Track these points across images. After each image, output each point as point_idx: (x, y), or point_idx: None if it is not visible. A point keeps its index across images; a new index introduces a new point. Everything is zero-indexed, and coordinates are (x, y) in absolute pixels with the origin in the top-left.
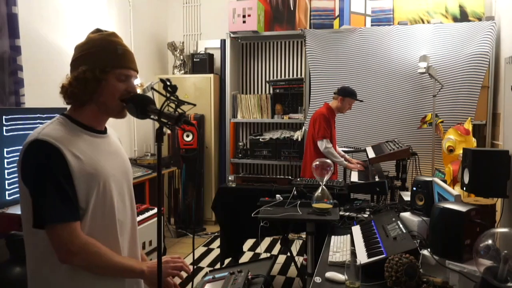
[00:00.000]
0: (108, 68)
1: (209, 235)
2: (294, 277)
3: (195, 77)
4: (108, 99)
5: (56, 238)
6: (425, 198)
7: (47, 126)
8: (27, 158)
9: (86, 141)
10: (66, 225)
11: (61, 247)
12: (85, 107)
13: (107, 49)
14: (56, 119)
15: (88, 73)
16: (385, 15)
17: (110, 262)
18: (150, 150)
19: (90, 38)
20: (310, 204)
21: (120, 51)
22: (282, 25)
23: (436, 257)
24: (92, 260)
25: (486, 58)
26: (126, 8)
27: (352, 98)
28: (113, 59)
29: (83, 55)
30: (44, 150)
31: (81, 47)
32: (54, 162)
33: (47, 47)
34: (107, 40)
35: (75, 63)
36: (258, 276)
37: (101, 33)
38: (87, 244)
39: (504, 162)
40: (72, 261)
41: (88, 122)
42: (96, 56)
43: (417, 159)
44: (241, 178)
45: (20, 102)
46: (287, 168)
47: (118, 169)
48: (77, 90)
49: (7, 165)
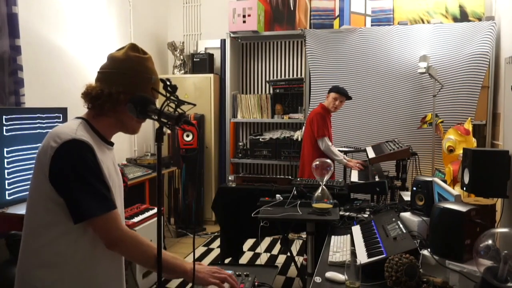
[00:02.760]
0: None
1: (209, 235)
2: (294, 277)
3: (195, 77)
4: (128, 120)
5: (101, 228)
6: (425, 198)
7: (77, 128)
8: (63, 157)
9: (103, 151)
10: (109, 215)
11: (107, 236)
12: (103, 118)
13: (143, 77)
14: (80, 123)
15: (123, 96)
16: (385, 15)
17: (152, 255)
18: (150, 150)
19: (129, 57)
20: (310, 204)
21: (154, 81)
22: (282, 25)
23: (436, 257)
24: (136, 250)
25: (486, 58)
26: (126, 8)
27: (335, 93)
28: (147, 88)
29: (120, 74)
30: (84, 148)
31: (119, 64)
32: (93, 159)
33: (47, 47)
34: (145, 66)
35: (110, 77)
36: (264, 285)
37: (139, 56)
38: (129, 235)
39: (504, 162)
40: (117, 249)
41: (103, 132)
42: (133, 81)
43: (417, 159)
44: (241, 178)
45: (20, 102)
46: (287, 168)
47: (118, 182)
48: (106, 105)
49: (7, 165)
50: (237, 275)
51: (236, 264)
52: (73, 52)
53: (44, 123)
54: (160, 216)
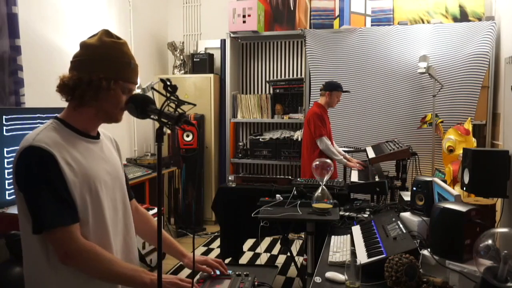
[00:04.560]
0: (121, 80)
1: (209, 235)
2: (294, 277)
3: (195, 77)
4: (111, 108)
5: (55, 241)
6: (425, 198)
7: (40, 132)
8: (21, 165)
9: (79, 147)
10: (64, 229)
11: (60, 250)
12: (82, 110)
13: (122, 61)
14: (50, 124)
15: (104, 82)
16: (385, 15)
17: (109, 268)
18: (150, 150)
19: (104, 43)
20: (310, 204)
21: (133, 65)
22: (282, 25)
23: (436, 257)
24: (92, 264)
25: (486, 58)
26: (126, 8)
27: (338, 91)
28: (127, 73)
29: (98, 60)
30: (39, 156)
31: (95, 50)
32: (49, 168)
33: (47, 47)
34: (122, 51)
35: (87, 64)
36: (264, 285)
37: (115, 41)
38: (85, 248)
39: (504, 162)
40: (71, 263)
41: (82, 127)
42: (113, 66)
43: (417, 159)
44: (241, 178)
45: (20, 102)
46: (287, 168)
47: (110, 174)
48: (87, 94)
49: (7, 165)
50: (237, 275)
51: (236, 264)
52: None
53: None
54: (160, 216)
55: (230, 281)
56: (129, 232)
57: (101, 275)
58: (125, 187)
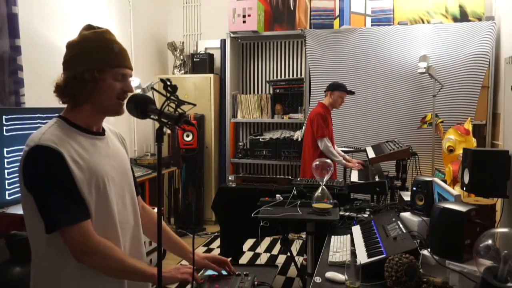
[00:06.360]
0: (106, 68)
1: (209, 235)
2: (294, 277)
3: (195, 77)
4: (105, 99)
5: (70, 240)
6: (425, 198)
7: (46, 131)
8: (29, 165)
9: (84, 144)
10: (79, 226)
11: (76, 248)
12: (81, 107)
13: (103, 48)
14: (54, 123)
15: (87, 73)
16: (385, 15)
17: (123, 264)
18: (150, 150)
19: (84, 36)
20: (310, 204)
21: (117, 49)
22: (282, 25)
23: (436, 257)
24: (106, 261)
25: (486, 58)
26: (126, 8)
27: (341, 91)
28: (111, 58)
29: (78, 54)
30: (47, 155)
31: (76, 46)
32: (58, 167)
33: (47, 47)
34: (102, 38)
35: (71, 61)
36: (264, 284)
37: (94, 31)
38: (100, 245)
39: (504, 162)
40: (86, 261)
41: (85, 124)
42: (93, 56)
43: (417, 159)
44: (241, 178)
45: (20, 102)
46: (287, 168)
47: (117, 170)
48: (75, 90)
49: (7, 165)
50: (237, 275)
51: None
52: None
53: (44, 123)
54: (160, 216)
55: (230, 281)
56: (138, 227)
57: (113, 271)
58: (132, 183)
